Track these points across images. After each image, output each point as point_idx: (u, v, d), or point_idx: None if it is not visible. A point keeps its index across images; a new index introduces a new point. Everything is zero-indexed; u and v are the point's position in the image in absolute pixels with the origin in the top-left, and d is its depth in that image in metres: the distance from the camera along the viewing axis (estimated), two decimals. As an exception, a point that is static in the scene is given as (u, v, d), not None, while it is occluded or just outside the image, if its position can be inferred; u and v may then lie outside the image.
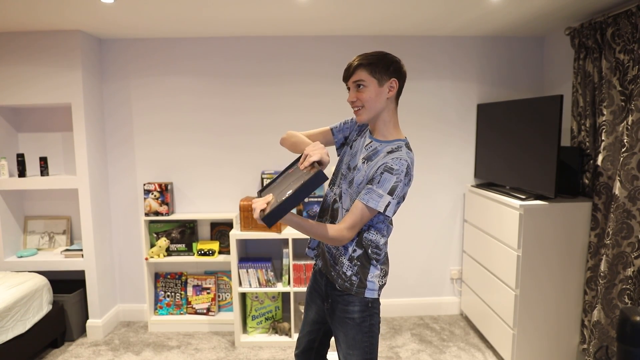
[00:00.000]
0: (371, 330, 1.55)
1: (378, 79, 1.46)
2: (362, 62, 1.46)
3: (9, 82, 2.80)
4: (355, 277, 1.52)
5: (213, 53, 3.05)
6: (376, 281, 1.53)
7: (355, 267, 1.52)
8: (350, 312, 1.53)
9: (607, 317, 2.28)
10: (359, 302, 1.52)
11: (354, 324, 1.53)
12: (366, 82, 1.46)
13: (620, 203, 2.17)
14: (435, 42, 3.08)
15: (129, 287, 3.28)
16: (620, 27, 2.17)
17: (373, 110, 1.49)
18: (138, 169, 3.16)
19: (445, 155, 3.21)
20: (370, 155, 1.49)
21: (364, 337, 1.54)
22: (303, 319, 1.77)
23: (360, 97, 1.47)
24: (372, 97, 1.47)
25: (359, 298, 1.52)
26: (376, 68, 1.45)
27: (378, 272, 1.54)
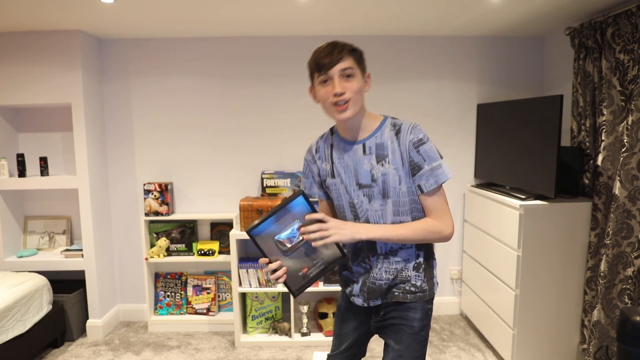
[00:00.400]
0: (426, 340, 1.44)
1: (362, 71, 1.32)
2: (352, 48, 1.30)
3: (9, 82, 2.80)
4: (424, 284, 1.40)
5: (213, 53, 3.05)
6: (437, 273, 1.46)
7: (422, 273, 1.40)
8: (409, 319, 1.40)
9: (607, 317, 2.28)
10: (420, 309, 1.40)
11: (412, 332, 1.40)
12: (355, 70, 1.28)
13: (620, 203, 2.17)
14: (435, 42, 3.08)
15: (129, 287, 3.28)
16: (620, 27, 2.17)
17: (359, 104, 1.31)
18: (138, 169, 3.16)
19: (445, 155, 3.20)
20: (380, 153, 1.33)
21: (417, 347, 1.41)
22: (337, 336, 1.57)
23: (349, 88, 1.27)
24: (359, 89, 1.29)
25: (420, 304, 1.40)
26: (361, 57, 1.33)
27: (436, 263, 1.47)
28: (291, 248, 1.30)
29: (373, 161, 1.34)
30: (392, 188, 1.33)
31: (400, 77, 3.11)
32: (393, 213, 1.35)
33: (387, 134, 1.33)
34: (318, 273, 1.31)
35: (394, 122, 1.35)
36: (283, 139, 3.14)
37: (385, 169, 1.32)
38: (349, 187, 1.39)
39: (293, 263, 1.30)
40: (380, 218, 1.37)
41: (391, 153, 1.32)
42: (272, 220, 1.28)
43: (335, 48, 1.29)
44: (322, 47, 1.33)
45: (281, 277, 1.27)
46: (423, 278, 1.41)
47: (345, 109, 1.28)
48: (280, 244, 1.29)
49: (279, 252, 1.29)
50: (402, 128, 1.31)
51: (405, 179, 1.32)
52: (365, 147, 1.35)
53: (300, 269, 1.31)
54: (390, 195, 1.34)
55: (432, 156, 1.30)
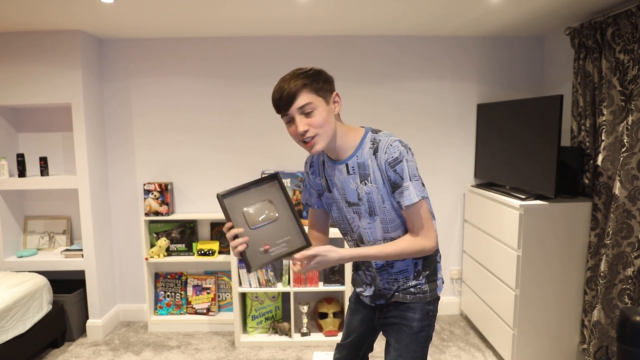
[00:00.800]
0: (426, 341, 1.45)
1: (324, 98, 1.27)
2: (307, 80, 1.24)
3: (9, 82, 2.80)
4: (426, 286, 1.43)
5: (213, 53, 3.05)
6: (441, 278, 1.48)
7: (424, 277, 1.43)
8: (408, 319, 1.43)
9: (607, 317, 2.28)
10: (420, 309, 1.43)
11: (411, 332, 1.42)
12: (314, 103, 1.24)
13: (620, 203, 2.17)
14: (435, 42, 3.09)
15: (129, 287, 3.28)
16: (620, 27, 2.17)
17: (329, 134, 1.28)
18: (138, 168, 3.16)
19: (445, 155, 3.21)
20: (362, 172, 1.33)
21: (417, 347, 1.43)
22: (346, 327, 1.64)
23: (312, 124, 1.24)
24: (325, 120, 1.25)
25: (420, 305, 1.43)
26: (318, 85, 1.26)
27: (440, 266, 1.48)
28: (256, 223, 1.31)
29: (357, 180, 1.34)
30: (378, 206, 1.34)
31: (401, 77, 3.11)
32: (382, 230, 1.38)
33: (367, 152, 1.32)
34: (280, 255, 1.31)
35: (373, 137, 1.33)
36: (283, 139, 3.14)
37: (368, 188, 1.33)
38: (340, 205, 1.43)
39: (255, 237, 1.29)
40: (370, 235, 1.40)
41: (372, 172, 1.32)
42: (245, 192, 1.31)
43: (289, 85, 1.25)
44: (277, 85, 1.29)
45: (240, 245, 1.25)
46: (424, 281, 1.44)
47: (313, 144, 1.27)
48: (247, 216, 1.30)
49: (244, 224, 1.29)
50: (379, 146, 1.29)
51: (388, 197, 1.33)
52: (348, 167, 1.35)
53: (262, 245, 1.30)
54: (377, 212, 1.35)
55: (405, 176, 1.28)
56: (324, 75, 1.30)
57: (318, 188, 1.49)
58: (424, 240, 1.32)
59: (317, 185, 1.49)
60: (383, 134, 1.33)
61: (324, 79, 1.28)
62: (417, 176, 1.30)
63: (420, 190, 1.30)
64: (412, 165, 1.29)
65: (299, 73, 1.27)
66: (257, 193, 1.34)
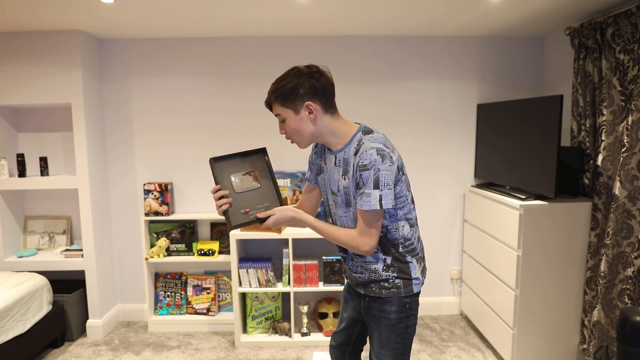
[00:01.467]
0: (406, 332, 1.51)
1: (292, 108, 1.39)
2: (273, 95, 1.39)
3: (9, 82, 2.80)
4: (399, 281, 1.48)
5: (213, 53, 3.05)
6: (419, 274, 1.51)
7: (395, 273, 1.48)
8: (386, 312, 1.50)
9: (607, 317, 2.28)
10: (396, 302, 1.49)
11: (389, 324, 1.50)
12: (283, 115, 1.41)
13: (620, 203, 2.17)
14: (436, 42, 3.09)
15: (129, 287, 3.28)
16: (620, 27, 2.17)
17: (306, 136, 1.43)
18: (138, 169, 3.17)
19: (445, 155, 3.21)
20: (345, 167, 1.43)
21: (397, 339, 1.50)
22: (340, 314, 1.75)
23: (287, 130, 1.44)
24: (295, 127, 1.41)
25: (396, 298, 1.48)
26: (286, 98, 1.38)
27: (417, 265, 1.51)
28: (240, 188, 1.48)
29: (340, 173, 1.45)
30: (352, 200, 1.44)
31: (401, 77, 3.11)
32: (353, 222, 1.48)
33: (352, 150, 1.41)
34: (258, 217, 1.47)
35: (360, 138, 1.41)
36: (283, 139, 3.14)
37: (345, 182, 1.44)
38: (325, 189, 1.56)
39: (238, 200, 1.46)
40: (343, 224, 1.52)
41: (351, 169, 1.41)
42: (235, 160, 1.49)
43: (268, 96, 1.43)
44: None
45: (224, 205, 1.42)
46: (396, 276, 1.49)
47: (295, 143, 1.48)
48: (234, 181, 1.48)
49: (230, 188, 1.46)
50: (360, 149, 1.38)
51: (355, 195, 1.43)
52: (336, 159, 1.46)
53: (243, 207, 1.46)
54: (351, 205, 1.46)
55: (367, 183, 1.35)
56: (293, 86, 1.38)
57: (317, 167, 1.62)
58: (360, 240, 1.40)
59: (317, 165, 1.62)
60: (369, 137, 1.40)
61: (292, 92, 1.38)
62: (388, 185, 1.35)
63: (377, 201, 1.35)
64: (385, 174, 1.34)
65: (273, 85, 1.41)
66: (245, 163, 1.52)
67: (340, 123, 1.45)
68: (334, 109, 1.46)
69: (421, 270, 1.53)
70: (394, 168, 1.37)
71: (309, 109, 1.39)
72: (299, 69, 1.41)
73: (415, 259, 1.50)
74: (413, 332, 1.54)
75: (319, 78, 1.40)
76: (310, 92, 1.39)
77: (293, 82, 1.38)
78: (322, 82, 1.40)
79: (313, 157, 1.64)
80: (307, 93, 1.39)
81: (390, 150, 1.38)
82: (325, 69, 1.45)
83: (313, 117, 1.40)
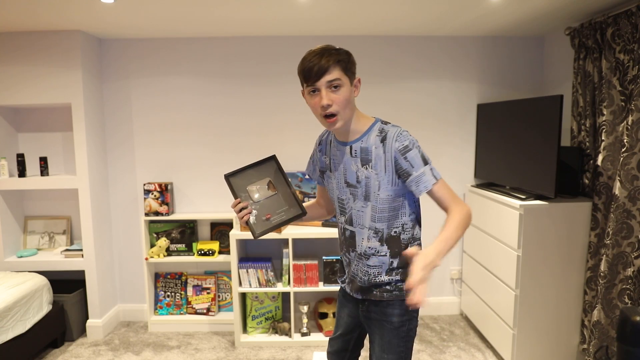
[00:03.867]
0: (408, 335, 1.47)
1: (350, 78, 1.33)
2: (336, 58, 1.29)
3: (9, 82, 2.80)
4: (402, 284, 1.43)
5: (213, 53, 3.05)
6: None
7: (398, 276, 1.43)
8: (388, 315, 1.45)
9: (607, 317, 2.28)
10: (399, 305, 1.44)
11: (391, 327, 1.45)
12: (342, 80, 1.29)
13: (620, 203, 2.17)
14: (436, 42, 3.09)
15: (129, 287, 3.28)
16: (620, 27, 2.17)
17: (348, 114, 1.34)
18: (138, 168, 3.16)
19: (445, 155, 3.21)
20: (364, 157, 1.37)
21: (400, 342, 1.46)
22: (336, 321, 1.69)
23: (336, 100, 1.29)
24: (347, 99, 1.31)
25: (399, 301, 1.44)
26: (348, 65, 1.32)
27: None
28: (258, 197, 1.51)
29: (359, 164, 1.39)
30: (373, 192, 1.38)
31: (401, 77, 3.11)
32: (371, 218, 1.41)
33: (373, 139, 1.37)
34: (280, 221, 1.49)
35: (382, 127, 1.38)
36: (283, 139, 3.14)
37: (368, 172, 1.37)
38: (339, 184, 1.48)
39: (258, 209, 1.49)
40: (360, 218, 1.44)
41: (374, 158, 1.36)
42: (248, 172, 1.53)
43: (321, 59, 1.28)
44: (308, 56, 1.33)
45: (245, 215, 1.43)
46: (399, 279, 1.44)
47: (334, 121, 1.33)
48: (250, 192, 1.51)
49: (248, 198, 1.49)
50: (388, 135, 1.34)
51: (386, 186, 1.36)
52: (352, 150, 1.40)
53: (264, 215, 1.49)
54: (370, 199, 1.39)
55: (418, 163, 1.32)
56: (352, 57, 1.35)
57: (322, 166, 1.57)
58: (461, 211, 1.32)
59: (322, 163, 1.57)
60: (391, 125, 1.39)
61: (353, 61, 1.35)
62: (429, 162, 1.35)
63: (436, 173, 1.34)
64: (422, 151, 1.35)
65: (332, 49, 1.31)
66: (258, 172, 1.53)
67: (358, 112, 1.41)
68: None
69: None
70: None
71: (356, 84, 1.36)
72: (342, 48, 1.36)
73: None
74: (414, 334, 1.51)
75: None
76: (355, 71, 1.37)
77: (350, 55, 1.34)
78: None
79: (317, 155, 1.59)
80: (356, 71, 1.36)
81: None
82: None
83: (356, 94, 1.37)
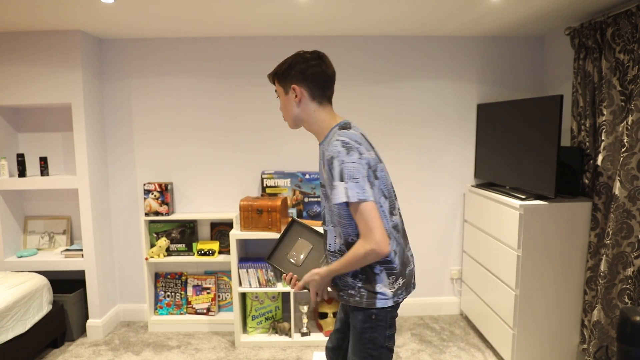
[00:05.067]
0: (373, 343, 1.46)
1: (283, 87, 1.47)
2: (273, 71, 1.48)
3: (9, 82, 2.80)
4: (363, 290, 1.44)
5: (213, 53, 3.05)
6: (387, 291, 1.43)
7: (360, 283, 1.45)
8: (354, 318, 1.49)
9: (607, 317, 2.28)
10: (362, 313, 1.45)
11: (355, 332, 1.49)
12: (278, 91, 1.50)
13: (620, 203, 2.17)
14: (436, 41, 3.09)
15: (129, 287, 3.28)
16: (620, 27, 2.17)
17: (290, 117, 1.49)
18: (138, 168, 3.16)
19: (445, 155, 3.21)
20: (322, 161, 1.45)
21: (362, 348, 1.47)
22: (337, 315, 1.77)
23: (280, 107, 1.52)
24: (283, 105, 1.49)
25: (362, 309, 1.45)
26: (280, 76, 1.46)
27: (386, 280, 1.43)
28: (300, 261, 1.66)
29: (322, 166, 1.46)
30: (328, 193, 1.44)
31: (401, 77, 3.11)
32: (329, 216, 1.49)
33: (325, 147, 1.43)
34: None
35: (334, 132, 1.43)
36: (283, 139, 3.14)
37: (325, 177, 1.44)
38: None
39: (306, 269, 1.62)
40: (326, 217, 1.52)
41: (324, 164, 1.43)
42: (281, 246, 1.69)
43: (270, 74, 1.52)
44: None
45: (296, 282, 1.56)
46: (361, 286, 1.45)
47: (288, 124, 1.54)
48: (292, 260, 1.67)
49: (293, 266, 1.65)
50: (329, 142, 1.40)
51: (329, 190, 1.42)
52: (320, 150, 1.50)
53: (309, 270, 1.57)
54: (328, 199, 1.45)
55: (335, 175, 1.33)
56: (287, 66, 1.45)
57: None
58: (365, 244, 1.32)
59: None
60: (340, 132, 1.40)
61: (285, 71, 1.45)
62: (354, 178, 1.32)
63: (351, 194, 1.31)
64: (348, 167, 1.32)
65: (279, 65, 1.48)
66: (288, 240, 1.70)
67: (324, 115, 1.46)
68: (324, 100, 1.47)
69: (395, 288, 1.44)
70: (362, 162, 1.33)
71: (295, 92, 1.44)
72: (301, 52, 1.46)
73: (386, 273, 1.43)
74: (384, 343, 1.47)
75: (312, 65, 1.42)
76: (299, 76, 1.43)
77: (289, 62, 1.45)
78: (315, 70, 1.42)
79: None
80: (296, 76, 1.43)
81: (361, 146, 1.36)
82: (327, 59, 1.47)
83: (298, 100, 1.45)
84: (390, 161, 3.19)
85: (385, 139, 3.16)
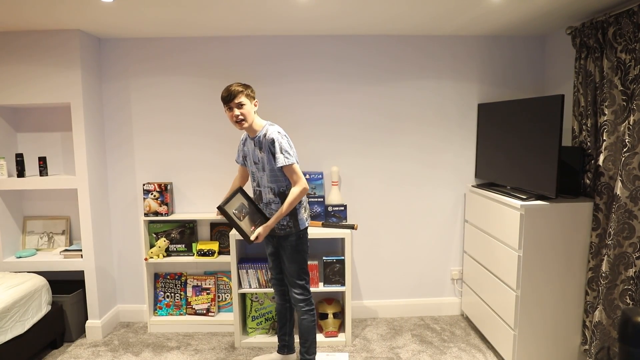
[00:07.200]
0: (302, 251, 2.40)
1: (251, 100, 2.28)
2: (246, 90, 2.26)
3: (9, 82, 2.79)
4: (291, 222, 2.35)
5: (213, 53, 3.05)
6: (305, 217, 2.40)
7: (289, 216, 2.33)
8: (288, 242, 2.37)
9: (609, 317, 2.28)
10: (294, 235, 2.37)
11: (290, 250, 2.37)
12: (246, 103, 2.25)
13: (621, 203, 2.16)
14: (437, 41, 3.08)
15: (129, 288, 3.27)
16: (622, 26, 2.17)
17: (249, 120, 2.27)
18: (137, 169, 3.16)
19: (446, 155, 3.20)
20: (259, 146, 2.31)
21: (297, 257, 2.39)
22: (268, 256, 2.55)
23: (243, 113, 2.25)
24: (250, 112, 2.27)
25: (294, 232, 2.35)
26: (251, 94, 2.29)
27: (304, 212, 2.40)
28: (240, 216, 2.33)
29: (258, 150, 2.33)
30: (265, 166, 2.31)
31: (401, 76, 3.10)
32: (267, 180, 2.33)
33: (262, 135, 2.30)
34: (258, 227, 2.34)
35: (267, 128, 2.30)
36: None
37: (262, 155, 2.31)
38: (251, 163, 2.40)
39: (246, 223, 2.33)
40: (262, 181, 2.36)
41: (263, 147, 2.29)
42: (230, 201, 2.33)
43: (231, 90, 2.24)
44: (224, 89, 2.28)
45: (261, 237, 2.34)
46: (289, 221, 2.35)
47: (242, 124, 2.28)
48: (234, 214, 2.31)
49: (235, 218, 2.29)
50: (267, 134, 2.28)
51: (269, 162, 2.28)
52: (255, 142, 2.34)
53: (251, 226, 2.35)
54: (265, 169, 2.32)
55: (276, 150, 2.24)
56: (251, 88, 2.32)
57: (243, 153, 2.48)
58: (299, 188, 2.27)
59: (243, 152, 2.48)
60: (272, 127, 2.30)
61: (251, 90, 2.31)
62: (287, 152, 2.25)
63: (287, 159, 2.24)
64: (284, 144, 2.24)
65: (241, 86, 2.27)
66: (235, 199, 2.36)
67: (259, 118, 2.34)
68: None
69: (307, 214, 2.42)
70: (289, 141, 2.29)
71: (256, 102, 2.34)
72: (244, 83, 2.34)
73: (302, 207, 2.39)
74: (307, 250, 2.43)
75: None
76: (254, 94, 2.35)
77: (249, 86, 2.32)
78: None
79: (241, 146, 2.49)
80: (254, 94, 2.34)
81: (284, 134, 2.29)
82: None
83: (256, 108, 2.34)
84: (390, 159, 3.18)
85: (386, 137, 3.15)
